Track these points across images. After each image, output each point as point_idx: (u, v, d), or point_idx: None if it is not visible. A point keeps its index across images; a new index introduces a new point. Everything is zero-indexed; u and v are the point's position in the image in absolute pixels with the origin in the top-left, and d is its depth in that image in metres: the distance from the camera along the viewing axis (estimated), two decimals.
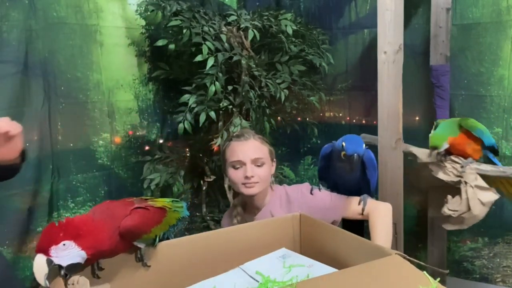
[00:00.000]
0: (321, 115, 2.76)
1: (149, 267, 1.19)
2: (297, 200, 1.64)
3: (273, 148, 1.69)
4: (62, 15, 1.97)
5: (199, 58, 2.09)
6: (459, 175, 1.79)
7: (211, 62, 2.08)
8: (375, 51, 1.96)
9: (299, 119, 2.75)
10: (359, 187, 1.73)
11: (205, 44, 2.08)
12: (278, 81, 2.29)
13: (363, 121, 2.66)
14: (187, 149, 2.49)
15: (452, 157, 1.83)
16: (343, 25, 2.65)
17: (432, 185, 1.99)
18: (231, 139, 1.64)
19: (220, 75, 2.15)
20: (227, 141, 1.67)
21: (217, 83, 2.12)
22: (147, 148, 2.34)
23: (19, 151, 1.21)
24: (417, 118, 2.47)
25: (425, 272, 0.97)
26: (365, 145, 1.60)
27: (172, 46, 2.14)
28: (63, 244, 0.97)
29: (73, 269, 1.00)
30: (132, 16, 2.25)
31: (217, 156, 2.39)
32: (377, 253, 1.07)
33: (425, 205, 2.36)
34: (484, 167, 1.80)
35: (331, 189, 1.73)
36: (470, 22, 2.23)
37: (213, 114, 2.19)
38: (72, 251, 0.98)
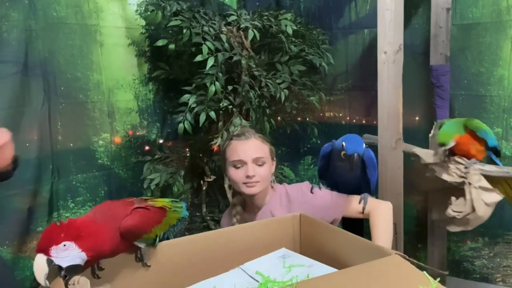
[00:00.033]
0: (321, 115, 2.76)
1: (149, 267, 1.19)
2: (298, 199, 1.64)
3: (273, 147, 1.69)
4: (62, 15, 1.96)
5: (199, 58, 2.08)
6: (462, 176, 1.77)
7: (211, 62, 2.08)
8: (375, 51, 1.96)
9: (299, 119, 2.75)
10: (359, 186, 1.73)
11: (205, 44, 2.07)
12: (278, 81, 2.29)
13: (363, 121, 2.66)
14: (187, 149, 2.49)
15: (455, 158, 1.81)
16: (343, 25, 2.65)
17: (434, 187, 1.97)
18: (231, 138, 1.64)
19: (220, 75, 2.14)
20: (227, 140, 1.67)
21: (217, 83, 2.12)
22: (147, 148, 2.34)
23: (9, 159, 1.20)
24: (417, 118, 2.47)
25: (425, 272, 0.97)
26: (365, 145, 1.61)
27: (172, 46, 2.14)
28: (64, 244, 0.97)
29: (73, 271, 1.00)
30: (132, 16, 2.24)
31: (217, 156, 2.39)
32: (377, 253, 1.07)
33: (425, 205, 2.36)
34: (488, 168, 1.78)
35: (331, 188, 1.73)
36: (470, 22, 2.23)
37: (213, 114, 2.19)
38: (72, 252, 0.98)
